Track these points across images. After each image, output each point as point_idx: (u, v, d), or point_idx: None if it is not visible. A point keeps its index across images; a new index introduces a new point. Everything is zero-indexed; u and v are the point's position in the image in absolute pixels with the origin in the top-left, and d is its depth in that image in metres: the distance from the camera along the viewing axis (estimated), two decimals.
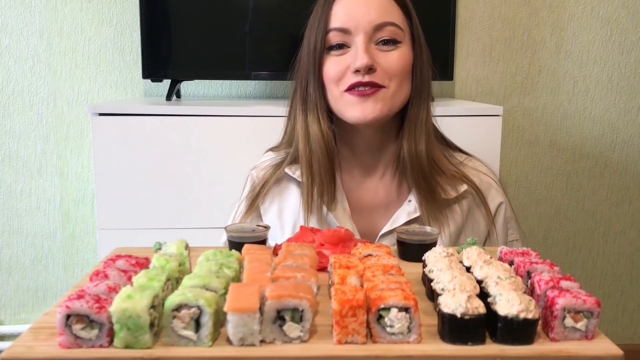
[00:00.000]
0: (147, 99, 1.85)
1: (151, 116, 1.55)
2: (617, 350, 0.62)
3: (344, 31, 1.03)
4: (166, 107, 1.57)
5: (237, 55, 1.71)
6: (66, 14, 1.87)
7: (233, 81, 1.96)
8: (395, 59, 1.03)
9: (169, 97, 1.72)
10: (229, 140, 1.57)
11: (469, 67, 1.99)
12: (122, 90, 1.92)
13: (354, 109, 1.04)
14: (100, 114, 1.54)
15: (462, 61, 1.98)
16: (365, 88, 1.02)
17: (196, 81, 1.94)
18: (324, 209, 1.09)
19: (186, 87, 1.94)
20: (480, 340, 0.62)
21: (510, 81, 2.01)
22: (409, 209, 1.09)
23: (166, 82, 1.80)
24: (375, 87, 1.02)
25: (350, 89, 1.03)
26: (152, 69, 1.71)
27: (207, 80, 1.95)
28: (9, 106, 1.91)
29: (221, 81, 1.95)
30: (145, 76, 1.72)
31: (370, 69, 1.01)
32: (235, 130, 1.57)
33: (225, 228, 0.95)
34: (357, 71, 1.01)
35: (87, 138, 1.93)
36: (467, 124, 1.60)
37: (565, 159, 2.07)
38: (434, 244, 0.90)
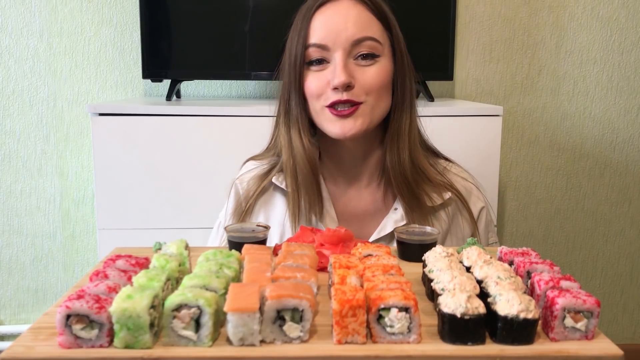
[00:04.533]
0: (147, 99, 1.85)
1: (151, 116, 1.55)
2: (617, 350, 0.62)
3: (323, 47, 1.03)
4: (166, 107, 1.57)
5: (237, 55, 1.71)
6: (66, 14, 1.87)
7: (233, 81, 1.96)
8: (373, 74, 1.03)
9: (169, 97, 1.72)
10: (229, 140, 1.57)
11: (469, 67, 1.99)
12: (122, 90, 1.92)
13: (334, 126, 1.05)
14: (100, 114, 1.54)
15: (462, 61, 1.98)
16: (344, 107, 1.03)
17: (196, 81, 1.94)
18: (313, 218, 1.09)
19: (186, 87, 1.95)
20: (480, 340, 0.62)
21: (510, 81, 2.01)
22: (396, 217, 1.10)
23: (166, 82, 1.80)
24: (353, 105, 1.03)
25: (330, 106, 1.04)
26: (152, 69, 1.71)
27: (207, 80, 1.95)
28: (9, 106, 1.91)
29: (221, 81, 1.95)
30: (145, 76, 1.72)
31: (348, 86, 1.01)
32: (235, 130, 1.57)
33: (225, 228, 0.95)
34: (335, 88, 1.02)
35: (87, 138, 1.93)
36: (467, 124, 1.60)
37: (565, 159, 2.07)
38: (434, 244, 0.90)
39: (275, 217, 1.12)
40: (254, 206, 1.14)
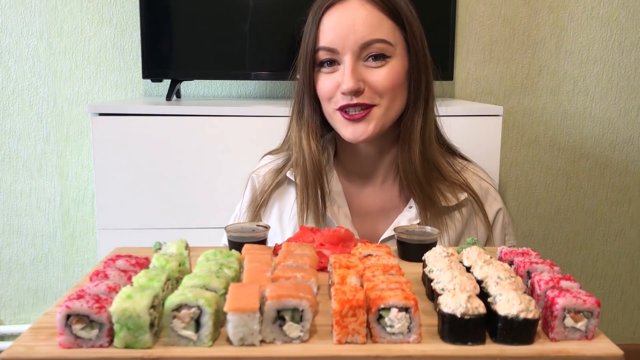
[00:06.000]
0: (147, 99, 1.85)
1: (151, 116, 1.55)
2: (617, 350, 0.62)
3: (332, 50, 1.02)
4: (166, 107, 1.57)
5: (237, 55, 1.71)
6: (66, 14, 1.87)
7: (233, 81, 1.96)
8: (384, 76, 1.02)
9: (169, 97, 1.72)
10: (229, 140, 1.57)
11: (469, 67, 1.99)
12: (122, 90, 1.92)
13: (346, 130, 1.04)
14: (100, 114, 1.54)
15: (462, 61, 1.98)
16: (355, 111, 1.02)
17: (196, 81, 1.94)
18: (323, 211, 1.09)
19: (186, 87, 1.94)
20: (480, 340, 0.62)
21: (510, 81, 2.01)
22: (410, 215, 1.10)
23: (166, 82, 1.80)
24: (365, 107, 1.02)
25: (341, 109, 1.03)
26: (152, 69, 1.71)
27: (207, 80, 1.95)
28: (9, 106, 1.91)
29: (221, 81, 1.95)
30: (145, 76, 1.72)
31: (357, 91, 1.00)
32: (235, 130, 1.57)
33: (225, 228, 0.95)
34: (345, 93, 1.01)
35: (87, 138, 1.93)
36: (467, 124, 1.60)
37: (565, 159, 2.07)
38: (434, 244, 0.90)
39: (289, 211, 1.13)
40: (269, 200, 1.15)
